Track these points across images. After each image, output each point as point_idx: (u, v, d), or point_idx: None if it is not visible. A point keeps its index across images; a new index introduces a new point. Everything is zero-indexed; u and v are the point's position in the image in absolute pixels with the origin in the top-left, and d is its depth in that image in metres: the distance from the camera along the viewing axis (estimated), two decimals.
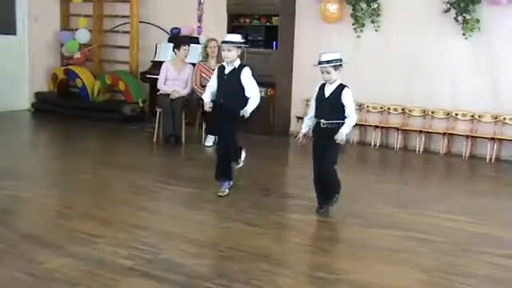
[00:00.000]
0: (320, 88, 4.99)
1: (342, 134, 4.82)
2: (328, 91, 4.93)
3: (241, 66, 5.38)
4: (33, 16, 10.55)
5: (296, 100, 9.14)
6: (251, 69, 5.43)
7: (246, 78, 5.36)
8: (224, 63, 5.44)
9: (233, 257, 4.08)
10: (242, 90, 5.36)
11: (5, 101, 10.21)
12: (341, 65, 4.89)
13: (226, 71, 5.40)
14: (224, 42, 5.37)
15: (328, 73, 4.86)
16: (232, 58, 5.32)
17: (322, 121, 4.91)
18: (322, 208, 5.08)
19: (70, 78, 10.43)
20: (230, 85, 5.37)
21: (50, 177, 6.32)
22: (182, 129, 8.03)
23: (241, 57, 5.39)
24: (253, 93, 5.37)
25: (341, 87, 4.91)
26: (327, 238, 4.62)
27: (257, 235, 4.56)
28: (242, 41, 5.45)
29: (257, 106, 5.37)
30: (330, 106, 4.90)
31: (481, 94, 7.94)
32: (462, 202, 5.92)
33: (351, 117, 4.92)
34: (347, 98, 4.91)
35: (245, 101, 5.36)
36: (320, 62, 4.87)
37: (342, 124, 4.85)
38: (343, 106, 4.89)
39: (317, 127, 5.00)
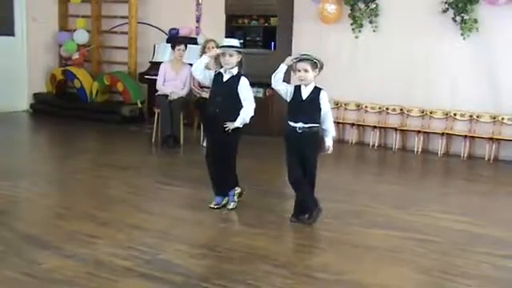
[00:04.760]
0: (295, 90, 4.80)
1: (330, 148, 4.80)
2: (305, 93, 4.76)
3: (239, 75, 5.01)
4: (32, 17, 10.54)
5: None
6: (247, 77, 5.07)
7: (244, 88, 5.00)
8: (222, 70, 5.05)
9: (231, 257, 4.08)
10: (239, 100, 5.00)
11: (3, 102, 10.20)
12: (319, 66, 4.69)
13: (225, 79, 5.02)
14: (226, 46, 5.02)
15: (306, 71, 4.66)
16: (233, 65, 4.97)
17: (299, 125, 4.72)
18: (294, 218, 4.93)
19: (68, 79, 10.43)
20: (227, 94, 4.99)
21: (49, 177, 6.31)
22: (181, 129, 8.04)
23: (239, 64, 5.02)
24: (247, 106, 4.99)
25: (318, 89, 4.76)
26: (326, 239, 4.62)
27: (255, 236, 4.56)
28: (241, 46, 5.12)
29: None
30: (308, 109, 4.75)
31: (479, 94, 7.94)
32: (460, 202, 5.93)
33: (332, 125, 4.84)
34: (326, 102, 4.77)
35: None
36: (300, 58, 4.68)
37: (317, 127, 4.75)
38: (320, 109, 4.75)
39: (292, 132, 4.77)
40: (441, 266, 4.06)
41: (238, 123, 4.95)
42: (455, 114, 8.11)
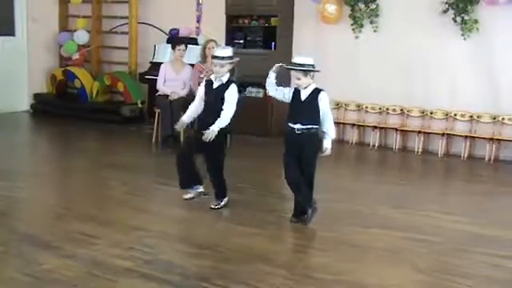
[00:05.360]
0: (295, 92, 4.82)
1: (328, 149, 4.77)
2: (304, 95, 4.77)
3: (229, 82, 5.07)
4: (31, 17, 10.54)
5: None
6: (236, 84, 5.14)
7: (230, 94, 5.03)
8: (212, 77, 5.13)
9: (231, 258, 4.08)
10: None
11: (4, 102, 10.20)
12: (312, 71, 4.72)
13: (214, 86, 5.08)
14: (217, 57, 5.03)
15: (298, 78, 4.70)
16: (223, 74, 5.04)
17: (298, 126, 4.73)
18: (295, 218, 4.94)
19: (69, 79, 10.43)
20: (214, 100, 5.04)
21: (49, 178, 6.32)
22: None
23: (231, 71, 5.09)
24: (226, 110, 5.00)
25: (318, 90, 4.77)
26: (325, 239, 4.63)
27: (255, 236, 4.56)
28: (234, 55, 5.13)
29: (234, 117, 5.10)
30: (307, 110, 4.74)
31: (479, 95, 7.93)
32: (460, 203, 5.93)
33: (332, 127, 4.81)
34: (325, 103, 4.76)
35: None
36: (292, 64, 4.72)
37: (317, 129, 4.74)
38: (319, 110, 4.75)
39: (291, 133, 4.78)
40: (441, 266, 4.07)
41: (216, 127, 4.94)
42: (455, 115, 8.10)
